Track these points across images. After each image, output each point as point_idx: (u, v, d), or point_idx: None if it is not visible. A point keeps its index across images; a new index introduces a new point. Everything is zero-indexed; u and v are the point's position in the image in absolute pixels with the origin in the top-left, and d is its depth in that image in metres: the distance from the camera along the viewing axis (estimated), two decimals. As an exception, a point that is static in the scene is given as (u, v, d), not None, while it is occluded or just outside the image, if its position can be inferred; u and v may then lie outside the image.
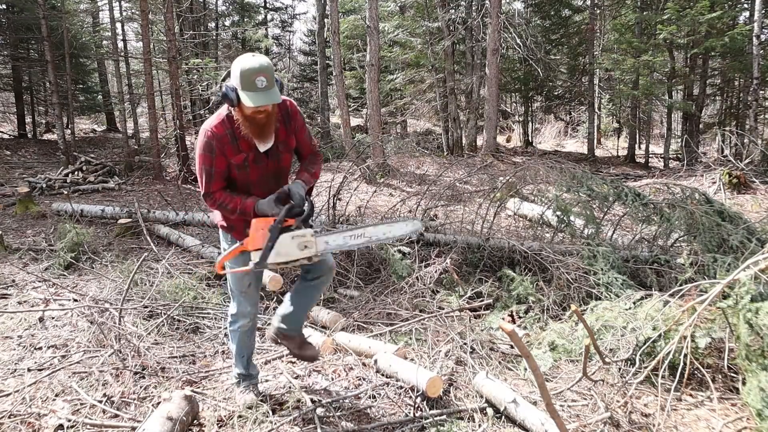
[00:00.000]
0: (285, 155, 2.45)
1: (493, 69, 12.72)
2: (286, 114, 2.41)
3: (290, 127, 2.43)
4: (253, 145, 2.33)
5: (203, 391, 2.94)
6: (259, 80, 2.12)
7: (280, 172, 2.47)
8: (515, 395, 2.65)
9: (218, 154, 2.32)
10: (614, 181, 5.03)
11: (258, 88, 2.12)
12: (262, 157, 2.38)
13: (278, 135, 2.38)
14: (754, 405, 2.46)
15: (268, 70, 2.14)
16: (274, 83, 2.16)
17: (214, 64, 13.40)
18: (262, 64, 2.14)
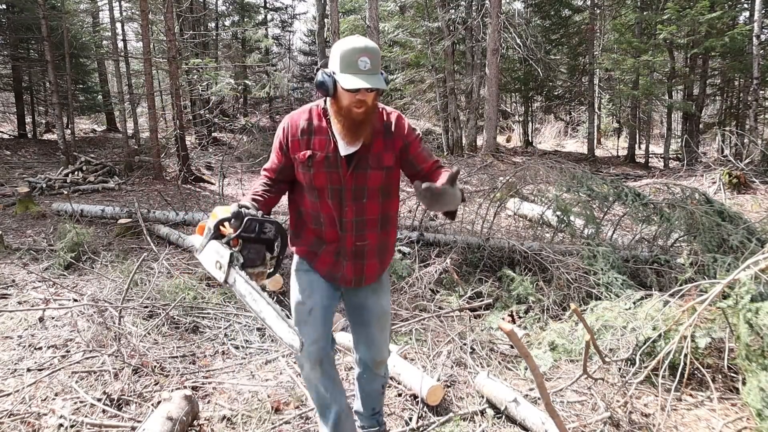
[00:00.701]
0: (373, 172, 1.91)
1: (493, 69, 12.72)
2: (389, 126, 1.95)
3: (391, 141, 1.94)
4: (330, 145, 1.90)
5: (203, 391, 2.94)
6: (362, 61, 1.74)
7: (361, 191, 1.92)
8: (516, 395, 2.65)
9: (281, 143, 1.97)
10: (614, 181, 5.03)
11: (360, 70, 1.74)
12: (339, 162, 1.89)
13: (372, 144, 1.91)
14: (754, 405, 2.45)
15: (373, 52, 1.76)
16: (379, 69, 1.79)
17: (214, 64, 13.42)
18: (367, 45, 1.77)
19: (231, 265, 1.68)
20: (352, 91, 1.76)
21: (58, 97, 12.31)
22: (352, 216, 1.94)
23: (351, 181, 1.91)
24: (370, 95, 1.80)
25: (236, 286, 1.69)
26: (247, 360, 3.33)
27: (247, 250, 1.73)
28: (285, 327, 1.57)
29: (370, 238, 2.00)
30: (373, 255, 2.03)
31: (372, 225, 1.99)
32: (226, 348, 3.49)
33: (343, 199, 1.92)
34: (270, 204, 2.00)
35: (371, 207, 1.96)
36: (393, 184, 2.01)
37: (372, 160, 1.92)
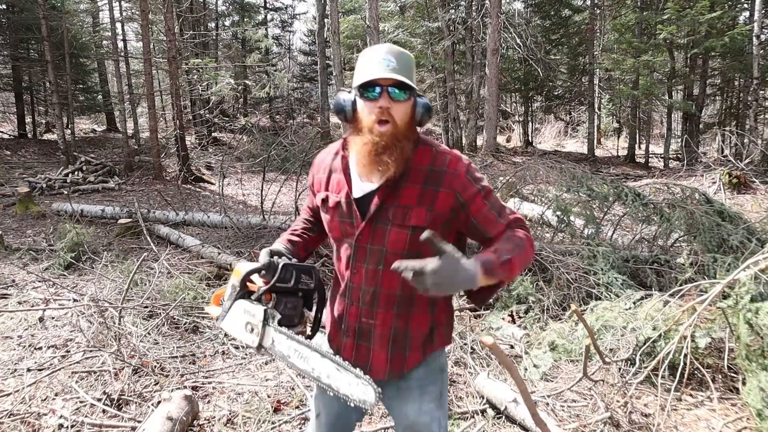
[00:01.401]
0: (394, 231, 1.39)
1: (493, 69, 12.72)
2: (436, 171, 1.39)
3: (433, 193, 1.38)
4: (345, 186, 1.46)
5: (203, 391, 2.94)
6: (386, 59, 1.34)
7: (377, 254, 1.42)
8: (516, 395, 2.65)
9: (311, 182, 1.62)
10: (614, 181, 5.03)
11: (381, 69, 1.33)
12: (350, 210, 1.44)
13: (401, 191, 1.38)
14: (754, 405, 2.46)
15: (401, 54, 1.36)
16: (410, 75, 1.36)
17: (214, 64, 13.42)
18: (392, 47, 1.38)
19: (266, 324, 1.37)
20: (366, 93, 1.35)
21: (58, 97, 12.31)
22: (360, 282, 1.45)
23: (366, 237, 1.42)
24: (400, 107, 1.35)
25: (276, 348, 1.37)
26: (247, 360, 3.33)
27: (282, 305, 1.41)
28: (350, 378, 1.26)
29: (379, 318, 1.46)
30: (383, 343, 1.46)
31: (386, 302, 1.45)
32: (226, 348, 3.49)
33: (353, 259, 1.45)
34: (309, 245, 1.66)
35: (389, 278, 1.42)
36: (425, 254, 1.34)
37: (395, 212, 1.39)
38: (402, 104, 1.36)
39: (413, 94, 1.39)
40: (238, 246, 5.74)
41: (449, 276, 1.17)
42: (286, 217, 6.45)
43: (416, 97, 1.40)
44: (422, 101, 1.40)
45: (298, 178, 6.26)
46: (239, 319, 1.42)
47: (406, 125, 1.38)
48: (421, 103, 1.40)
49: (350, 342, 1.50)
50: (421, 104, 1.40)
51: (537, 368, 3.12)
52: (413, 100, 1.40)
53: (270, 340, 1.38)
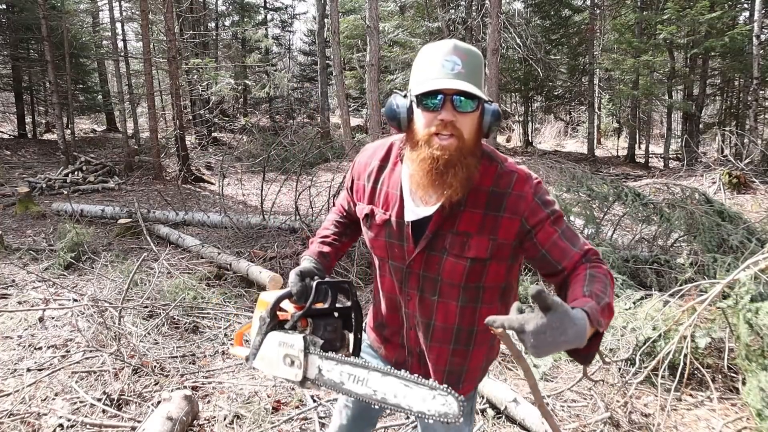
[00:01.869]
0: (450, 261, 1.24)
1: (493, 69, 12.71)
2: (500, 193, 1.22)
3: (496, 219, 1.21)
4: (396, 203, 1.29)
5: (203, 391, 2.94)
6: (449, 61, 1.14)
7: (432, 284, 1.28)
8: (516, 395, 2.65)
9: (348, 181, 1.46)
10: (614, 181, 5.03)
11: (446, 73, 1.13)
12: (404, 232, 1.28)
13: (460, 216, 1.22)
14: (754, 405, 2.46)
15: (468, 53, 1.15)
16: (479, 81, 1.16)
17: (214, 64, 13.42)
18: (458, 44, 1.16)
19: (308, 353, 1.21)
20: (425, 102, 1.14)
21: (58, 97, 12.31)
22: (415, 310, 1.32)
23: (419, 264, 1.27)
24: (466, 120, 1.15)
25: (325, 377, 1.21)
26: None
27: (321, 330, 1.27)
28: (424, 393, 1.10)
29: (433, 352, 1.34)
30: (438, 378, 1.35)
31: (441, 337, 1.32)
32: (226, 348, 3.49)
33: (405, 284, 1.31)
34: (341, 251, 1.52)
35: (445, 311, 1.29)
36: (489, 287, 1.28)
37: (453, 241, 1.23)
38: (468, 116, 1.15)
39: (481, 101, 1.17)
40: (238, 246, 5.74)
41: (556, 336, 0.95)
42: (286, 217, 6.45)
43: (484, 105, 1.19)
44: (491, 108, 1.19)
45: (298, 178, 6.26)
46: (275, 354, 1.26)
47: (473, 139, 1.17)
48: (490, 110, 1.19)
49: (416, 362, 1.39)
50: (489, 112, 1.18)
51: (537, 368, 3.12)
52: (481, 108, 1.18)
53: (315, 370, 1.22)
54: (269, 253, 5.10)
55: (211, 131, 16.35)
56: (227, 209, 7.47)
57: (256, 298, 4.32)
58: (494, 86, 12.92)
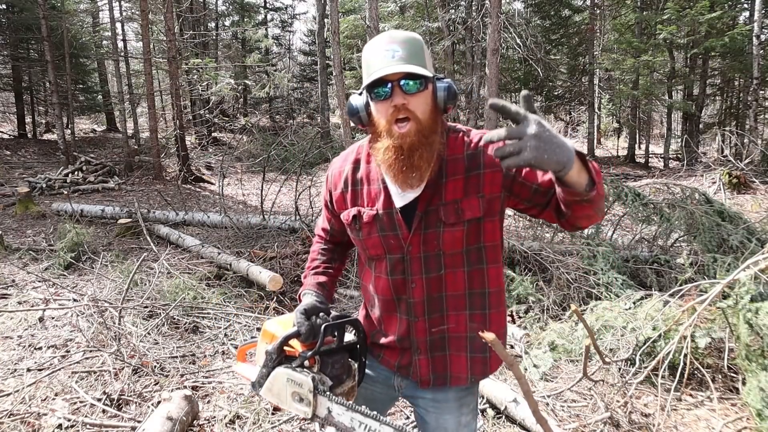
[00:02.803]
0: (449, 231, 1.27)
1: (493, 69, 12.71)
2: (473, 154, 1.27)
3: (478, 177, 1.26)
4: (381, 196, 1.31)
5: (203, 391, 2.94)
6: (389, 50, 1.18)
7: (435, 260, 1.30)
8: (515, 395, 2.65)
9: (325, 198, 1.48)
10: (614, 181, 5.03)
11: (386, 62, 1.17)
12: (395, 219, 1.30)
13: (444, 186, 1.26)
14: (754, 405, 2.46)
15: (405, 40, 1.20)
16: (421, 60, 1.19)
17: (214, 64, 13.42)
18: (394, 34, 1.21)
19: (317, 393, 1.24)
20: (376, 95, 1.19)
21: (58, 97, 12.32)
22: (422, 295, 1.32)
23: (417, 247, 1.29)
24: (418, 100, 1.19)
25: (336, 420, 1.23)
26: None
27: (329, 368, 1.30)
28: None
29: (452, 321, 1.34)
30: (460, 347, 1.36)
31: (456, 304, 1.33)
32: (226, 348, 3.49)
33: (407, 273, 1.32)
34: (336, 277, 1.54)
35: (453, 279, 1.31)
36: (488, 243, 1.31)
37: (446, 211, 1.26)
38: (419, 95, 1.19)
39: (429, 79, 1.21)
40: (238, 246, 5.75)
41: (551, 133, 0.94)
42: (286, 217, 6.45)
43: (435, 82, 1.23)
44: (442, 84, 1.23)
45: (298, 178, 6.26)
46: (284, 390, 1.28)
47: (430, 118, 1.22)
48: (442, 86, 1.23)
49: (424, 358, 1.37)
50: (441, 88, 1.23)
51: (537, 368, 3.12)
52: (431, 86, 1.23)
53: (325, 410, 1.25)
54: (269, 253, 5.10)
55: (211, 131, 16.36)
56: (227, 209, 7.47)
57: (255, 298, 4.33)
58: (494, 86, 12.92)
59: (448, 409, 1.40)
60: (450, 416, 1.40)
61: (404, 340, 1.38)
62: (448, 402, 1.40)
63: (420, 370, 1.38)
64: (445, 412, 1.40)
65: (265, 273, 4.29)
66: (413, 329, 1.35)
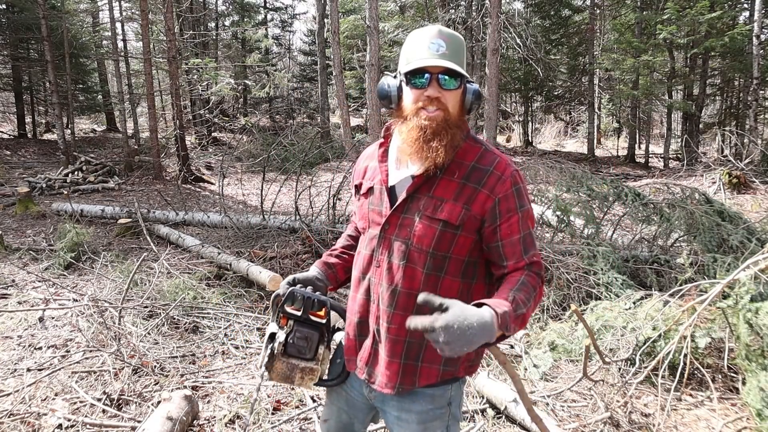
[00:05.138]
0: (423, 223, 1.28)
1: (493, 69, 12.71)
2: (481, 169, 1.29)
3: (472, 191, 1.27)
4: (380, 171, 1.38)
5: (203, 391, 2.94)
6: (435, 43, 1.24)
7: (402, 247, 1.31)
8: (515, 395, 2.65)
9: (354, 184, 1.51)
10: (614, 181, 5.03)
11: (432, 54, 1.23)
12: (381, 197, 1.36)
13: (438, 181, 1.29)
14: (754, 405, 2.46)
15: (451, 37, 1.26)
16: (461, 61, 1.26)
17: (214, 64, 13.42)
18: (442, 29, 1.27)
19: (269, 344, 1.36)
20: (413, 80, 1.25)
21: (58, 97, 12.31)
22: (381, 278, 1.34)
23: (393, 228, 1.31)
24: (450, 96, 1.26)
25: None
26: (247, 360, 3.33)
27: (293, 334, 1.37)
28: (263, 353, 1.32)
29: (395, 321, 1.32)
30: (395, 351, 1.33)
31: (404, 303, 1.31)
32: (226, 348, 3.49)
33: (376, 251, 1.35)
34: (351, 263, 1.54)
35: (410, 275, 1.30)
36: (455, 258, 1.30)
37: (427, 203, 1.28)
38: (453, 92, 1.27)
39: (464, 80, 1.28)
40: (238, 246, 5.75)
41: (463, 328, 1.02)
42: (286, 217, 6.45)
43: (466, 84, 1.30)
44: (472, 87, 1.30)
45: (298, 178, 6.26)
46: (266, 338, 1.42)
47: (457, 113, 1.29)
48: (472, 89, 1.30)
49: (369, 345, 1.39)
50: (471, 91, 1.30)
51: (537, 368, 3.12)
52: (464, 87, 1.30)
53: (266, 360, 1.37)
54: (269, 253, 5.10)
55: (211, 131, 16.36)
56: (227, 209, 7.47)
57: (256, 298, 4.34)
58: (494, 86, 12.91)
59: (410, 430, 1.37)
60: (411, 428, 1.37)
61: (362, 324, 1.40)
62: (410, 423, 1.36)
63: (363, 354, 1.40)
64: (408, 425, 1.37)
65: (265, 273, 4.29)
66: (369, 311, 1.38)
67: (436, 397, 1.36)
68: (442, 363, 1.34)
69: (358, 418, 1.50)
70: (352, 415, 1.50)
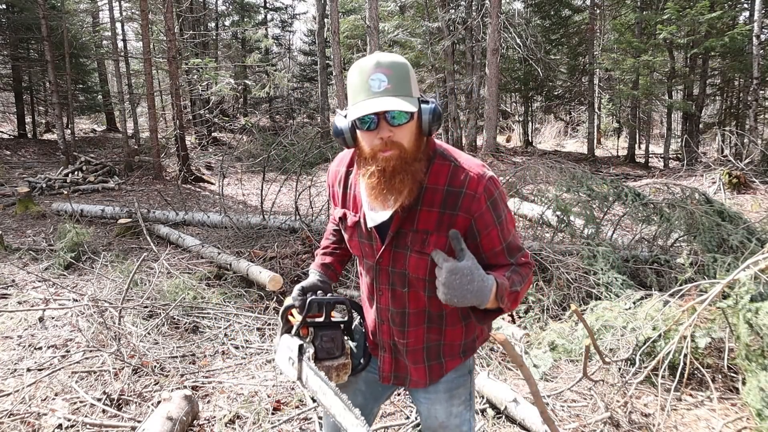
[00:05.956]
0: (414, 257, 1.32)
1: (493, 69, 12.71)
2: (454, 193, 1.27)
3: (451, 217, 1.28)
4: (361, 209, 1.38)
5: (203, 391, 2.94)
6: (374, 79, 1.18)
7: (401, 278, 1.37)
8: (516, 395, 2.65)
9: (329, 192, 1.55)
10: (614, 181, 5.03)
11: (373, 93, 1.18)
12: (369, 233, 1.37)
13: (417, 216, 1.29)
14: (754, 405, 2.46)
15: (391, 67, 1.19)
16: (407, 90, 1.20)
17: (214, 64, 13.42)
18: (380, 59, 1.19)
19: (301, 359, 1.37)
20: (361, 125, 1.20)
21: (58, 97, 12.31)
22: (387, 304, 1.41)
23: (387, 260, 1.36)
24: (404, 131, 1.21)
25: (309, 384, 1.36)
26: (247, 360, 3.33)
27: (319, 339, 1.42)
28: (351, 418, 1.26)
29: (411, 336, 1.41)
30: (418, 359, 1.44)
31: (416, 321, 1.40)
32: (226, 348, 3.49)
33: (376, 281, 1.40)
34: (344, 258, 1.63)
35: (415, 298, 1.38)
36: None
37: (414, 238, 1.30)
38: (405, 127, 1.21)
39: (418, 104, 1.23)
40: (238, 246, 5.75)
41: (464, 283, 1.13)
42: (286, 217, 6.45)
43: (420, 106, 1.23)
44: (428, 107, 1.23)
45: (298, 178, 6.26)
46: (283, 354, 1.44)
47: (414, 146, 1.24)
48: (427, 110, 1.23)
49: (388, 356, 1.48)
50: (427, 111, 1.23)
51: (537, 368, 3.12)
52: (419, 111, 1.23)
53: (306, 375, 1.38)
54: (269, 253, 5.10)
55: (211, 131, 16.35)
56: (227, 209, 7.47)
57: (256, 298, 4.34)
58: (494, 86, 12.91)
59: (438, 401, 1.48)
60: (440, 407, 1.48)
61: (375, 335, 1.49)
62: (438, 394, 1.48)
63: (383, 366, 1.49)
64: (435, 403, 1.49)
65: (265, 273, 4.29)
66: (379, 330, 1.46)
67: (459, 367, 1.48)
68: (461, 352, 1.46)
69: (375, 395, 1.58)
70: (369, 394, 1.56)
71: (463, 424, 1.50)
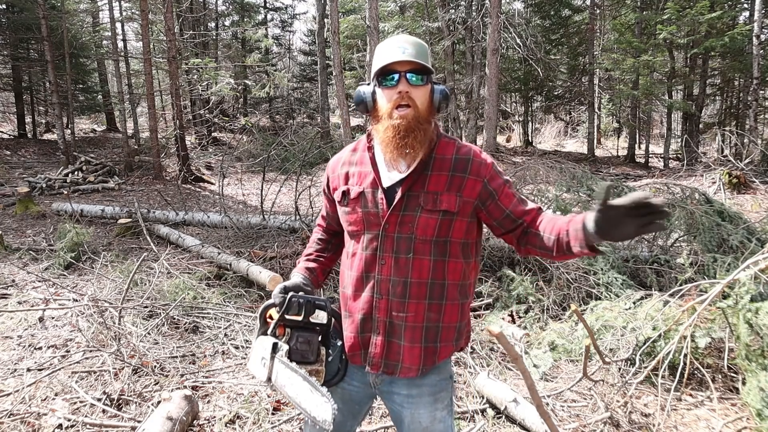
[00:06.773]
0: (424, 216, 1.40)
1: (493, 69, 12.71)
2: (461, 160, 1.43)
3: (461, 180, 1.41)
4: (370, 177, 1.46)
5: (203, 391, 2.94)
6: (400, 47, 1.37)
7: (407, 242, 1.41)
8: (516, 395, 2.65)
9: (324, 184, 1.61)
10: (614, 181, 5.03)
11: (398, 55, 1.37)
12: (378, 198, 1.43)
13: (429, 179, 1.41)
14: (754, 405, 2.46)
15: (415, 42, 1.40)
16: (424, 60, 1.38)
17: (214, 64, 13.42)
18: (405, 37, 1.42)
19: (273, 356, 1.33)
20: (384, 80, 1.38)
21: (58, 97, 12.31)
22: (389, 274, 1.42)
23: (393, 226, 1.41)
24: (418, 92, 1.38)
25: (278, 381, 1.32)
26: (247, 360, 3.33)
27: (294, 340, 1.40)
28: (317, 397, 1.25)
29: (411, 310, 1.42)
30: (415, 338, 1.44)
31: (417, 293, 1.42)
32: (226, 348, 3.49)
33: (380, 250, 1.42)
34: (327, 266, 1.67)
35: (418, 266, 1.41)
36: (454, 241, 1.43)
37: (426, 198, 1.39)
38: (420, 88, 1.39)
39: (430, 79, 1.42)
40: (238, 246, 5.75)
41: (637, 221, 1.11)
42: (286, 217, 6.45)
43: (433, 84, 1.44)
44: (439, 87, 1.43)
45: (298, 178, 6.26)
46: (257, 354, 1.40)
47: (426, 109, 1.41)
48: (439, 89, 1.43)
49: (381, 339, 1.45)
50: (438, 90, 1.43)
51: (537, 368, 3.12)
52: (431, 85, 1.43)
53: (276, 372, 1.34)
54: (269, 253, 5.10)
55: (211, 131, 16.35)
56: (227, 209, 7.47)
57: (256, 298, 4.34)
58: (494, 86, 12.91)
59: (422, 404, 1.47)
60: (424, 410, 1.47)
61: (366, 321, 1.46)
62: (422, 397, 1.47)
63: (375, 350, 1.46)
64: (419, 407, 1.48)
65: (265, 273, 4.29)
66: (376, 308, 1.45)
67: (441, 369, 1.50)
68: (455, 339, 1.49)
69: (353, 412, 1.57)
70: (347, 411, 1.55)
71: (447, 430, 1.50)
